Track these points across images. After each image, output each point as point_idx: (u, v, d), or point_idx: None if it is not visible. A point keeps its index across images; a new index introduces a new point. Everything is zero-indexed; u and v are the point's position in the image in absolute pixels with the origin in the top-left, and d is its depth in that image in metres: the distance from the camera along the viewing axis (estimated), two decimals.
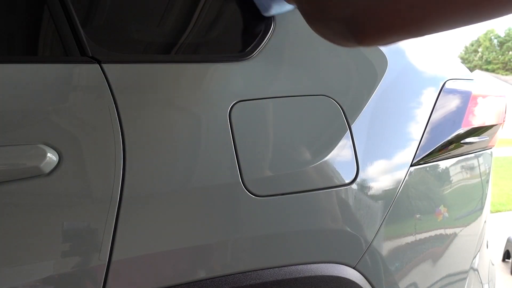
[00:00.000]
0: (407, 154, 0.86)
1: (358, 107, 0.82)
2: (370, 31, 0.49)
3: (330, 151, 0.78)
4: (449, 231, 0.93)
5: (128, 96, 0.68)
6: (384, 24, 0.47)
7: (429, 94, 0.91)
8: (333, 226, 0.78)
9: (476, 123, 0.96)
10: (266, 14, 0.81)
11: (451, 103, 0.93)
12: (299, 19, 0.84)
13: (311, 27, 0.61)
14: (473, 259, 1.00)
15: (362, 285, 0.78)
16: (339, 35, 0.55)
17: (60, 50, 0.70)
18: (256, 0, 0.81)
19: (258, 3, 0.81)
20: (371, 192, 0.81)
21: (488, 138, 1.03)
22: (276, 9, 0.80)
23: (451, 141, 0.92)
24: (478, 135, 0.99)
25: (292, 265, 0.74)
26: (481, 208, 1.04)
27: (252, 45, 0.79)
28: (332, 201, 0.77)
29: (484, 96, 0.99)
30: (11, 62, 0.65)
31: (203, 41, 0.80)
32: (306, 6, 0.60)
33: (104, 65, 0.68)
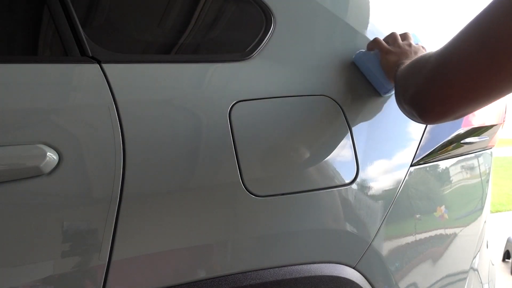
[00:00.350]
0: (407, 154, 0.86)
1: (358, 107, 0.82)
2: (430, 110, 0.55)
3: (330, 151, 0.78)
4: (449, 231, 0.93)
5: (128, 96, 0.68)
6: (439, 104, 0.54)
7: None
8: (333, 226, 0.78)
9: (476, 123, 0.96)
10: (387, 95, 0.85)
11: None
12: (299, 19, 0.84)
13: None
14: (473, 259, 1.00)
15: (362, 285, 0.78)
16: (409, 114, 0.62)
17: (60, 50, 0.70)
18: (376, 84, 0.83)
19: (378, 86, 0.83)
20: (371, 192, 0.81)
21: (488, 138, 1.03)
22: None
23: (451, 141, 0.92)
24: (478, 135, 0.99)
25: (292, 265, 0.74)
26: (481, 208, 1.04)
27: (252, 45, 0.79)
28: (332, 201, 0.77)
29: None
30: (11, 62, 0.65)
31: (203, 41, 0.80)
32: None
33: (104, 65, 0.68)
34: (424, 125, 0.88)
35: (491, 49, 0.46)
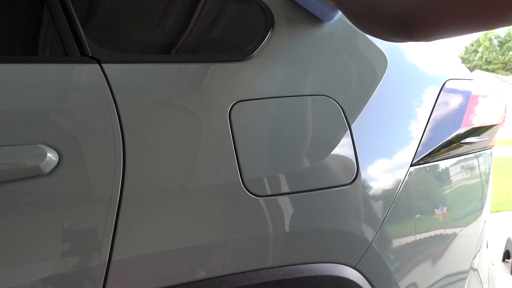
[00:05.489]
0: (407, 154, 0.86)
1: (358, 107, 0.82)
2: (420, 26, 0.53)
3: (330, 151, 0.78)
4: (449, 231, 0.93)
5: (128, 96, 0.68)
6: (434, 19, 0.52)
7: (429, 94, 0.91)
8: (333, 226, 0.78)
9: (476, 123, 0.96)
10: (331, 21, 0.84)
11: (451, 103, 0.93)
12: (300, 19, 0.84)
13: (355, 24, 0.62)
14: (473, 259, 1.00)
15: (362, 285, 0.78)
16: (389, 30, 0.59)
17: (60, 50, 0.70)
18: (318, 13, 0.83)
19: (321, 15, 0.83)
20: (371, 192, 0.81)
21: (488, 138, 1.03)
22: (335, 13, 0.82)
23: (451, 141, 0.92)
24: (478, 135, 0.99)
25: (292, 265, 0.74)
26: (481, 208, 1.04)
27: (252, 45, 0.79)
28: (332, 201, 0.77)
29: (484, 96, 0.99)
30: (11, 62, 0.65)
31: (203, 41, 0.80)
32: (351, 4, 0.64)
33: (104, 65, 0.68)
34: (424, 125, 0.88)
35: None
